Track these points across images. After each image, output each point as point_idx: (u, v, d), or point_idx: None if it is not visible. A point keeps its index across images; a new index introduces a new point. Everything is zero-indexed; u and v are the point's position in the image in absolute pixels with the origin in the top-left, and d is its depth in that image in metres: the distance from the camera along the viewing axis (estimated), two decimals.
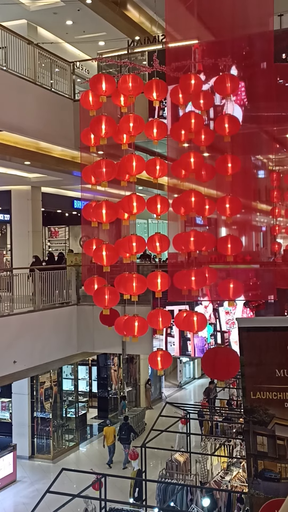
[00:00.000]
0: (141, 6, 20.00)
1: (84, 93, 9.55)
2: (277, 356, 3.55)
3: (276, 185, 15.45)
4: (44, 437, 18.55)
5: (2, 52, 14.00)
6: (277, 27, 13.70)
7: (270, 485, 3.63)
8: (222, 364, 8.93)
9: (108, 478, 10.95)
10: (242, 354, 3.68)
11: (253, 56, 12.56)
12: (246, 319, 7.82)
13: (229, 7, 11.95)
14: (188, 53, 11.92)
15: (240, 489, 11.47)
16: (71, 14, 19.11)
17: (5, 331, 13.40)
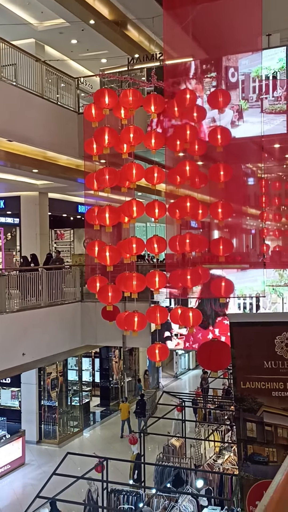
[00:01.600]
0: (140, 26, 20.00)
1: (87, 106, 9.57)
2: (265, 349, 3.55)
3: (265, 192, 15.47)
4: (51, 423, 18.55)
5: (12, 69, 14.02)
6: (265, 46, 13.71)
7: (258, 468, 3.63)
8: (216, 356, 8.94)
9: (110, 461, 10.95)
10: (233, 347, 3.69)
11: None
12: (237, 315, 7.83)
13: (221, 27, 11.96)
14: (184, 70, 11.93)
15: (231, 471, 11.47)
16: (76, 33, 19.12)
17: (15, 326, 13.40)
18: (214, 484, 11.64)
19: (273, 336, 3.52)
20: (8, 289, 13.57)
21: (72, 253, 22.89)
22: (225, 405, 16.62)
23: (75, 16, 17.61)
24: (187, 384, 25.85)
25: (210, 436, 13.95)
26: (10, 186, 17.71)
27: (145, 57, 18.01)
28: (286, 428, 3.58)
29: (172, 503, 10.25)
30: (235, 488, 10.39)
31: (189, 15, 11.33)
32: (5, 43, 13.56)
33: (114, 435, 18.75)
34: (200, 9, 11.40)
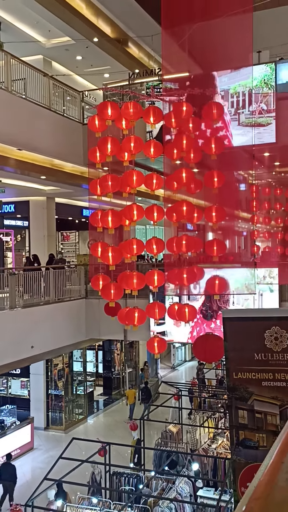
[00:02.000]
0: (140, 43, 20.01)
1: (91, 118, 9.59)
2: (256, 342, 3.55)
3: (255, 197, 15.49)
4: (57, 411, 18.55)
5: (22, 83, 14.01)
6: (256, 62, 13.71)
7: (249, 452, 3.63)
8: (211, 349, 8.96)
9: (112, 446, 10.96)
10: (226, 341, 3.68)
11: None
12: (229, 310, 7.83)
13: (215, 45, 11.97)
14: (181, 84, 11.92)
15: (224, 455, 11.47)
16: (81, 50, 19.13)
17: (24, 320, 13.40)
18: (208, 467, 11.64)
19: (263, 330, 3.51)
20: (18, 287, 13.57)
21: (77, 254, 22.87)
22: (219, 394, 16.62)
23: (80, 34, 17.62)
24: (184, 375, 25.83)
25: (204, 423, 13.96)
26: (20, 191, 17.71)
27: (145, 72, 18.00)
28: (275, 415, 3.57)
29: (169, 484, 10.25)
30: (228, 471, 10.39)
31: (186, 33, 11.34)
32: (15, 59, 13.56)
33: (116, 422, 18.75)
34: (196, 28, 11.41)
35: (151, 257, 19.83)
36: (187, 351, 28.12)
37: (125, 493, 10.36)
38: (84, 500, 9.93)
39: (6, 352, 12.49)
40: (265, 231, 17.55)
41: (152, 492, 10.22)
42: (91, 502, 9.77)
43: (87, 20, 17.31)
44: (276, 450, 0.76)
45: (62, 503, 9.74)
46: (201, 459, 11.61)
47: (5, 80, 12.92)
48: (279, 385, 3.48)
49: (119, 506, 9.37)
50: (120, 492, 10.46)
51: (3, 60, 13.03)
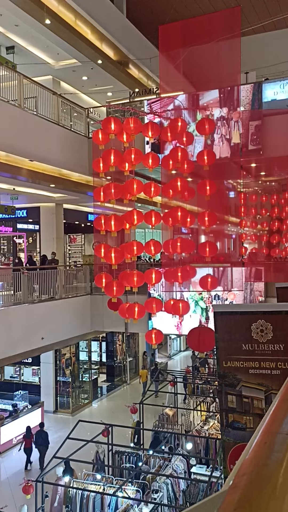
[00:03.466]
0: (140, 65, 20.01)
1: (95, 132, 9.59)
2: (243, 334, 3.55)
3: (243, 203, 15.48)
4: (65, 396, 18.52)
5: (33, 101, 14.01)
6: (243, 81, 13.72)
7: (238, 433, 3.63)
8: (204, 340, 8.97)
9: (114, 428, 10.94)
10: (216, 332, 3.68)
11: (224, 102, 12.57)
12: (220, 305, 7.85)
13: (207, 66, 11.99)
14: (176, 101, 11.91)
15: (215, 436, 11.47)
16: (86, 71, 19.13)
17: (36, 314, 13.39)
18: (201, 446, 11.64)
19: (250, 323, 3.52)
20: (29, 284, 13.55)
21: (83, 254, 22.86)
22: (210, 380, 16.62)
23: (85, 57, 17.61)
24: (179, 363, 25.81)
25: (198, 407, 13.96)
26: (32, 198, 17.71)
27: (144, 91, 18.01)
28: (261, 400, 3.57)
29: (166, 462, 10.24)
30: (219, 450, 10.39)
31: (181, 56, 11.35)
32: (27, 79, 13.55)
33: (118, 406, 18.72)
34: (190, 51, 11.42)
35: (149, 257, 19.83)
36: (182, 341, 28.11)
37: (126, 470, 10.36)
38: (89, 476, 9.92)
39: (19, 343, 12.49)
40: (252, 234, 17.55)
41: (150, 469, 10.22)
42: (96, 478, 9.77)
43: (92, 44, 17.31)
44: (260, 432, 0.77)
45: (69, 479, 9.74)
46: (194, 439, 11.61)
47: (19, 98, 12.92)
48: (264, 372, 3.48)
49: (121, 481, 9.37)
50: (122, 469, 10.46)
51: (16, 80, 13.02)
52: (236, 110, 13.08)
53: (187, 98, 13.37)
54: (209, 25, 11.76)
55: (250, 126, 13.08)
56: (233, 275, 14.54)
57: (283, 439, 0.69)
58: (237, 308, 4.16)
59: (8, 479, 12.78)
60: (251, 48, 16.53)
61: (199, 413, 13.66)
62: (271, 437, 0.72)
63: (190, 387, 17.32)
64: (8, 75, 13.01)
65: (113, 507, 8.78)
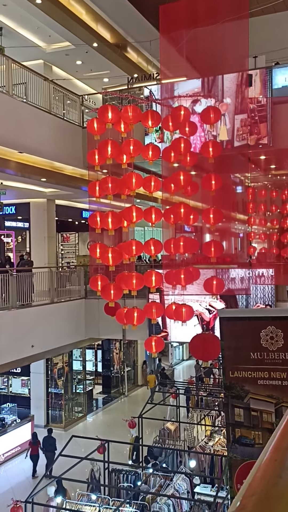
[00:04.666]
0: (139, 48, 20.02)
1: (89, 121, 9.58)
2: (252, 341, 3.55)
3: (252, 199, 15.47)
4: (57, 409, 18.53)
5: (23, 87, 14.01)
6: (251, 66, 13.73)
7: (245, 449, 3.63)
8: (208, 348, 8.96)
9: (111, 444, 10.95)
10: (222, 339, 3.68)
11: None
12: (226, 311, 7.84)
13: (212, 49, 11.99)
14: None
15: (221, 453, 11.47)
16: (81, 55, 19.14)
17: (25, 320, 13.39)
18: (205, 464, 11.65)
19: (258, 330, 3.51)
20: (18, 287, 13.54)
21: (77, 255, 22.87)
22: (216, 392, 16.62)
23: (79, 40, 17.62)
24: (181, 374, 25.82)
25: (202, 421, 13.96)
26: (21, 193, 17.70)
27: (143, 76, 18.01)
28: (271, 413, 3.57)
29: (167, 481, 10.24)
30: (225, 468, 10.39)
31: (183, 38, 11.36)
32: (16, 63, 13.55)
33: (114, 420, 18.71)
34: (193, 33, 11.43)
35: (148, 258, 19.83)
36: (185, 350, 28.12)
37: (123, 489, 10.36)
38: (84, 496, 9.92)
39: (7, 351, 12.48)
40: (261, 232, 17.55)
41: (150, 489, 10.22)
42: (90, 498, 9.76)
43: (86, 26, 17.31)
44: (270, 448, 0.76)
45: (61, 500, 9.73)
46: (198, 456, 11.61)
47: (7, 84, 12.92)
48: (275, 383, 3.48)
49: (118, 502, 9.36)
50: (119, 489, 10.45)
51: (4, 65, 13.02)
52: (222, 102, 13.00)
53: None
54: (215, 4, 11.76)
55: (236, 120, 13.04)
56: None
57: None
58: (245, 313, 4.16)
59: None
60: (260, 30, 16.51)
61: (204, 427, 13.66)
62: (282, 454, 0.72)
63: (193, 400, 17.31)
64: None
65: None
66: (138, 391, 22.99)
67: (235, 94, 13.14)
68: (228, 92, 13.13)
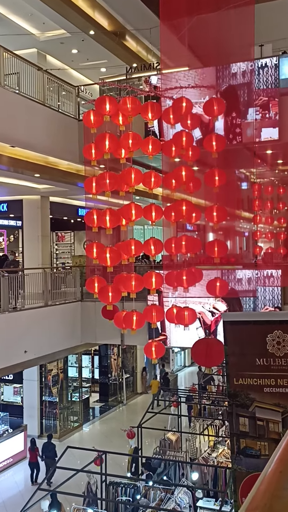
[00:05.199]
0: (138, 36, 20.03)
1: (86, 113, 9.58)
2: (257, 347, 3.55)
3: (258, 196, 15.49)
4: (52, 418, 18.54)
5: (15, 77, 14.01)
6: (258, 56, 13.74)
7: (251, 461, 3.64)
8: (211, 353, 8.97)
9: (108, 455, 10.94)
10: (226, 345, 3.69)
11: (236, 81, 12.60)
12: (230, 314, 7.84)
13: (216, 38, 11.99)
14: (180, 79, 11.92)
15: (225, 464, 11.47)
16: (76, 43, 19.14)
17: (17, 324, 13.40)
18: (208, 476, 11.65)
19: (265, 334, 3.52)
20: (10, 289, 13.55)
21: (73, 255, 22.88)
22: (219, 400, 16.62)
23: (75, 27, 17.62)
24: (183, 381, 25.82)
25: (204, 431, 13.96)
26: (13, 190, 17.70)
27: (143, 66, 18.02)
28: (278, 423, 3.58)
29: (168, 495, 10.24)
30: (229, 481, 10.40)
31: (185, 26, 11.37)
32: (8, 52, 13.56)
33: (112, 429, 18.74)
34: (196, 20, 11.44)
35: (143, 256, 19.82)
36: (187, 356, 28.14)
37: (122, 503, 10.36)
38: (79, 511, 9.93)
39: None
40: (268, 231, 17.56)
41: (150, 503, 10.22)
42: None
43: (83, 12, 17.31)
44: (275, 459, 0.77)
45: None
46: (201, 468, 11.61)
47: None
48: (282, 391, 3.49)
49: None
50: (117, 503, 10.46)
51: None
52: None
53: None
54: None
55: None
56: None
57: None
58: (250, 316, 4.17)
59: None
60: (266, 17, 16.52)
61: (207, 438, 13.66)
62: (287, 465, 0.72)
63: (196, 408, 17.32)
64: None
65: None
66: (137, 399, 22.99)
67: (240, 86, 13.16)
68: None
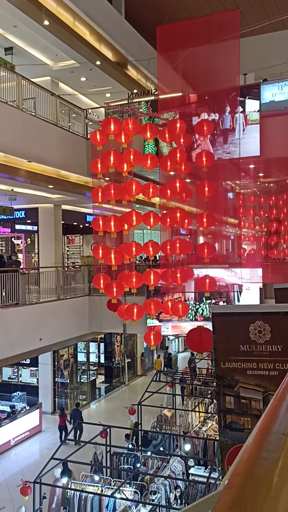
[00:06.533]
0: (138, 66, 20.04)
1: (93, 133, 9.60)
2: (241, 335, 3.56)
3: (242, 204, 15.50)
4: (63, 397, 18.51)
5: (32, 102, 14.01)
6: (242, 83, 13.73)
7: (236, 434, 3.63)
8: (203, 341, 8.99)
9: (112, 429, 10.94)
10: (214, 333, 3.68)
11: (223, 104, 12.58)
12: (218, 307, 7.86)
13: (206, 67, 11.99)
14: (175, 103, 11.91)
15: (213, 437, 11.47)
16: (85, 72, 19.14)
17: (33, 315, 13.38)
18: (199, 447, 11.64)
19: (247, 324, 3.52)
20: (28, 285, 13.53)
21: (81, 255, 22.85)
22: (209, 381, 16.61)
23: (84, 58, 17.62)
24: (177, 364, 25.77)
25: (196, 408, 13.95)
26: (30, 199, 17.70)
27: (142, 92, 18.01)
28: (259, 401, 3.58)
29: (164, 463, 10.24)
30: (217, 451, 10.39)
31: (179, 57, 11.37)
32: (26, 80, 13.56)
33: (116, 407, 18.70)
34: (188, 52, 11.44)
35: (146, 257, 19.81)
36: (181, 342, 28.08)
37: (124, 471, 10.35)
38: (87, 477, 9.92)
39: (17, 344, 12.47)
40: (251, 235, 17.56)
41: (148, 470, 10.21)
42: (94, 479, 9.76)
43: (90, 45, 17.32)
44: (256, 432, 0.77)
45: (67, 480, 9.73)
46: (192, 441, 11.61)
47: (17, 99, 12.92)
48: (262, 373, 3.49)
49: (119, 483, 9.36)
50: (120, 471, 10.45)
51: (15, 81, 13.02)
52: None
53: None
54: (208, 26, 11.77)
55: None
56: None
57: (279, 438, 0.70)
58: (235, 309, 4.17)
59: (6, 480, 12.76)
60: (249, 49, 16.55)
61: (198, 414, 13.66)
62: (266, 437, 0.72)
63: (188, 388, 17.32)
64: (7, 76, 13.00)
65: (111, 509, 8.78)
66: (137, 380, 22.97)
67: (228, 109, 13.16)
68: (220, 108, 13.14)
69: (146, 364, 23.99)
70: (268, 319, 3.50)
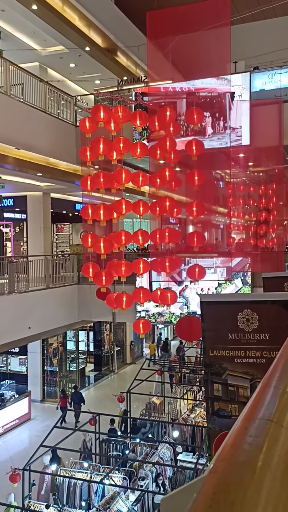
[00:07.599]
0: (128, 53, 19.81)
1: (82, 120, 9.51)
2: (229, 323, 3.58)
3: (231, 193, 15.50)
4: (52, 385, 18.57)
5: (20, 88, 13.81)
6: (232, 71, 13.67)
7: (223, 421, 3.68)
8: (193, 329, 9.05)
9: (101, 416, 11.01)
10: (203, 322, 3.71)
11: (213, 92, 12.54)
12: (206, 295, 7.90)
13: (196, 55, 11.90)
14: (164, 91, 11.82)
15: (201, 424, 11.61)
16: (74, 58, 18.89)
17: (22, 304, 13.35)
18: (187, 434, 11.78)
19: (236, 313, 3.55)
20: (16, 273, 13.47)
21: (71, 244, 22.78)
22: (197, 369, 16.76)
23: (73, 44, 17.37)
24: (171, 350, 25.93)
25: (184, 395, 14.09)
26: (18, 187, 17.54)
27: (132, 79, 17.85)
28: (246, 388, 3.62)
29: (152, 450, 10.35)
30: (205, 438, 10.53)
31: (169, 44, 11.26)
32: (14, 65, 13.34)
33: (105, 395, 18.83)
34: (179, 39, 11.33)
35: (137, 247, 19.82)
36: (170, 331, 28.24)
37: (113, 458, 10.45)
38: (76, 464, 10.00)
39: (5, 333, 12.45)
40: (240, 224, 17.62)
41: (137, 457, 10.32)
42: (83, 466, 9.85)
43: (79, 31, 17.06)
44: (242, 418, 0.78)
45: (56, 467, 9.80)
46: (181, 427, 11.73)
47: (4, 85, 12.72)
48: (250, 361, 3.53)
49: (108, 469, 9.46)
50: (109, 457, 10.55)
51: (2, 67, 12.82)
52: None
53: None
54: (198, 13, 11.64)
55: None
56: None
57: (264, 424, 0.71)
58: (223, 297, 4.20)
59: None
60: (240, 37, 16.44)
61: (186, 401, 13.79)
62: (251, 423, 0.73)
63: (177, 376, 17.46)
64: None
65: (100, 495, 8.88)
66: (126, 368, 23.10)
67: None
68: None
69: (135, 353, 24.11)
70: (256, 307, 3.53)
